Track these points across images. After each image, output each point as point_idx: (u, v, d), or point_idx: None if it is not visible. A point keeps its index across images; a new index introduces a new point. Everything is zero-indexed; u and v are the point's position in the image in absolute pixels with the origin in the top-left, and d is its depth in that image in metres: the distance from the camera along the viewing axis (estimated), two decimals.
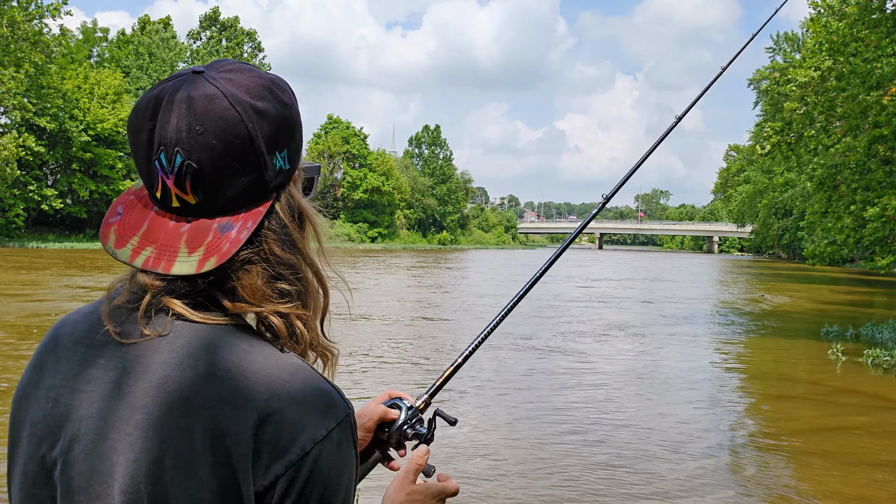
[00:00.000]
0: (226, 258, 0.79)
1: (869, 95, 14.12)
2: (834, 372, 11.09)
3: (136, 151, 0.82)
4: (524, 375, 10.00)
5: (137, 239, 0.82)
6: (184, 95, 0.79)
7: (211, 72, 0.82)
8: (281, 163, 0.84)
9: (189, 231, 0.81)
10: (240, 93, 0.80)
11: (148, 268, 0.80)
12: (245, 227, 0.81)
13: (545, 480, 5.77)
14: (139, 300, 0.82)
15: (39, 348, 0.89)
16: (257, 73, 0.84)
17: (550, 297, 22.52)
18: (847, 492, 5.79)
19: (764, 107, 46.35)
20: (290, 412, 0.76)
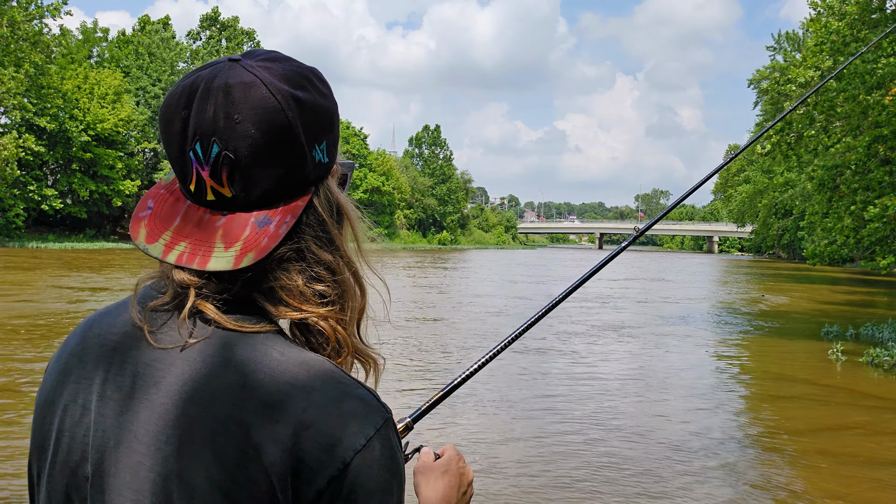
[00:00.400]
0: (264, 253, 0.75)
1: (869, 96, 14.12)
2: (834, 372, 11.08)
3: (169, 142, 0.78)
4: (522, 375, 9.99)
5: (170, 234, 0.78)
6: (221, 83, 0.75)
7: (247, 60, 0.78)
8: (320, 155, 0.80)
9: (225, 225, 0.77)
10: (278, 81, 0.76)
11: (182, 263, 0.76)
12: (284, 222, 0.77)
13: (544, 481, 5.76)
14: (174, 299, 0.78)
15: (65, 351, 0.85)
16: (294, 62, 0.81)
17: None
18: (847, 492, 5.78)
19: (764, 106, 46.36)
20: (326, 423, 0.72)
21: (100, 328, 0.83)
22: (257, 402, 0.71)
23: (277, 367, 0.74)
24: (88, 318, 0.87)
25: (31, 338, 11.06)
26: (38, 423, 0.84)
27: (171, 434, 0.72)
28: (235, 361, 0.74)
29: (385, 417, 0.75)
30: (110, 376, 0.78)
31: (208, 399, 0.72)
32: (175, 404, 0.73)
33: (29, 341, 10.77)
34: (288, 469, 0.70)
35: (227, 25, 67.27)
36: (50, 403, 0.82)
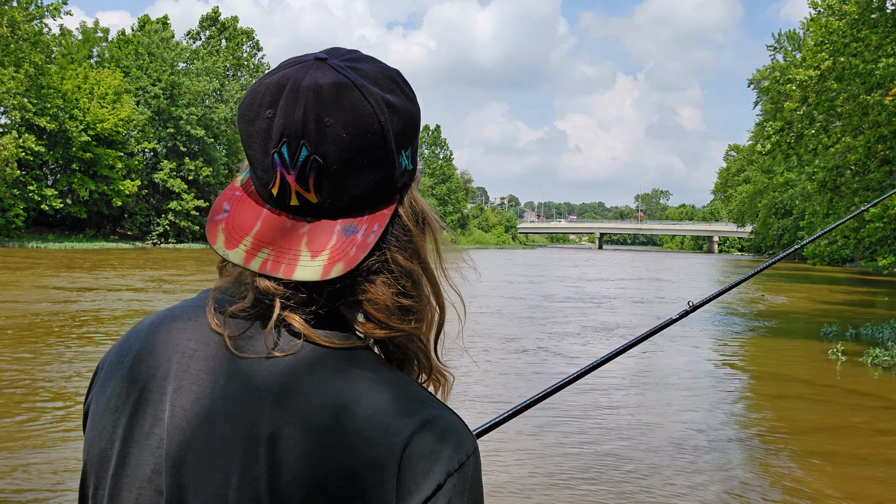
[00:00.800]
0: (353, 264, 0.71)
1: (869, 96, 14.13)
2: (834, 372, 11.08)
3: (250, 143, 0.74)
4: (521, 375, 10.00)
5: (251, 239, 0.74)
6: (311, 83, 0.71)
7: (334, 59, 0.74)
8: (406, 162, 0.77)
9: (309, 233, 0.73)
10: (370, 84, 0.73)
11: (266, 272, 0.71)
12: (371, 231, 0.73)
13: (542, 480, 5.76)
14: (255, 307, 0.74)
15: (128, 355, 0.79)
16: (380, 63, 0.78)
17: (549, 297, 22.52)
18: (847, 491, 5.78)
19: (764, 106, 46.37)
20: (422, 446, 0.69)
21: (168, 332, 0.78)
22: (354, 426, 0.68)
23: (372, 388, 0.70)
24: (150, 320, 0.82)
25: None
26: (97, 431, 0.78)
27: (262, 454, 0.68)
28: (329, 380, 0.70)
29: (475, 445, 0.73)
30: (184, 385, 0.74)
31: (301, 420, 0.68)
32: (264, 420, 0.69)
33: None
34: (385, 493, 0.68)
35: (226, 25, 67.30)
36: (113, 410, 0.77)
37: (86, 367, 9.16)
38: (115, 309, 14.76)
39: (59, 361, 9.52)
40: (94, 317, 13.60)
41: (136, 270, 26.34)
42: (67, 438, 6.30)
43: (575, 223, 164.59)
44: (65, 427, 6.65)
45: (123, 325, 12.81)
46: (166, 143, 54.61)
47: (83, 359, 9.72)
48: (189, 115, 54.41)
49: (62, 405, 7.45)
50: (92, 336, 11.60)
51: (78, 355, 9.97)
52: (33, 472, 5.48)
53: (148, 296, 17.71)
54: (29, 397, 7.72)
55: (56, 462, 5.69)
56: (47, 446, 6.08)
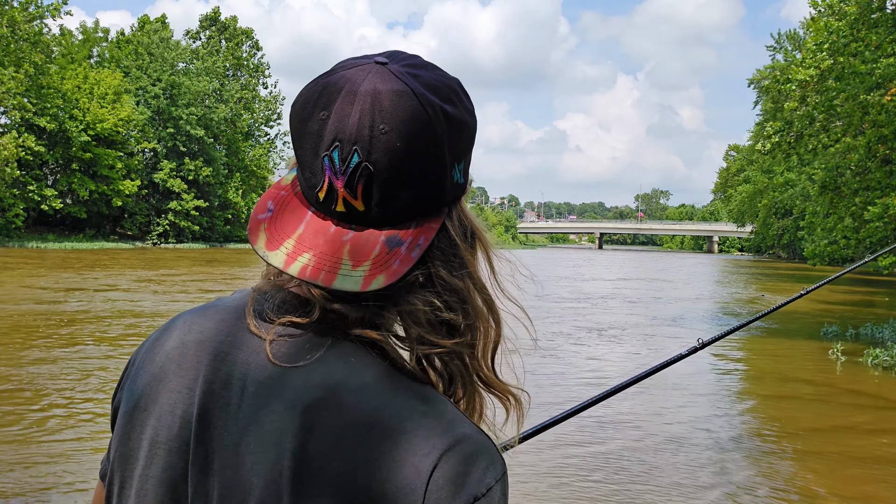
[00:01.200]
0: (395, 278, 0.69)
1: (869, 95, 14.12)
2: (834, 371, 11.08)
3: (301, 143, 0.72)
4: (520, 374, 9.98)
5: (293, 242, 0.72)
6: (369, 88, 0.69)
7: (394, 64, 0.72)
8: (458, 175, 0.75)
9: (352, 241, 0.71)
10: (429, 92, 0.71)
11: (306, 277, 0.69)
12: (416, 245, 0.71)
13: (541, 480, 5.76)
14: (294, 313, 0.73)
15: (160, 353, 0.78)
16: (441, 71, 0.75)
17: (548, 297, 22.50)
18: (847, 491, 5.78)
19: (764, 106, 46.35)
20: (449, 469, 0.67)
21: (200, 332, 0.76)
22: (384, 446, 0.67)
23: (404, 407, 0.69)
24: (182, 318, 0.80)
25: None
26: (125, 429, 0.77)
27: (288, 467, 0.67)
28: (360, 397, 0.68)
29: (504, 469, 0.71)
30: (215, 388, 0.72)
31: (333, 437, 0.67)
32: (292, 433, 0.68)
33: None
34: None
35: (226, 26, 67.28)
36: (143, 409, 0.76)
37: (63, 368, 9.15)
38: (100, 310, 14.51)
39: (37, 364, 9.42)
40: (73, 318, 13.29)
41: (127, 271, 26.11)
42: (42, 441, 6.29)
43: (575, 223, 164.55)
44: (44, 429, 6.65)
45: (109, 326, 12.79)
46: (166, 143, 54.61)
47: (66, 359, 9.69)
48: (189, 115, 54.41)
49: (38, 407, 7.43)
50: (73, 338, 11.43)
51: (61, 357, 9.86)
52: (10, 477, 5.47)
53: (135, 296, 17.45)
54: (6, 399, 7.71)
55: (33, 466, 5.68)
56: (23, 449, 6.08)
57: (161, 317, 13.64)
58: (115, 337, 11.59)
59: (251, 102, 65.94)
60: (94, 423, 6.88)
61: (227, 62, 65.03)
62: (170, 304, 16.22)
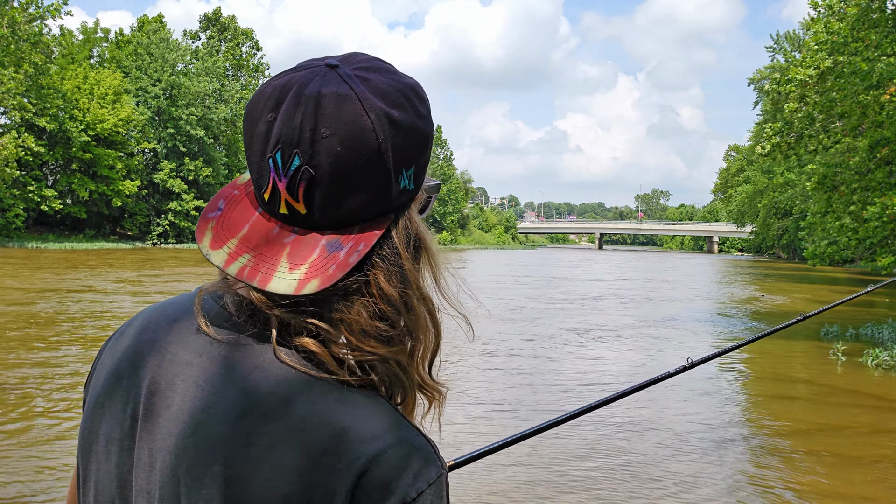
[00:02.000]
0: (329, 283, 0.69)
1: (868, 95, 14.11)
2: (834, 372, 11.08)
3: (250, 144, 0.73)
4: (520, 374, 9.99)
5: (236, 242, 0.73)
6: (313, 91, 0.69)
7: (346, 67, 0.72)
8: (406, 181, 0.74)
9: (293, 243, 0.72)
10: (375, 97, 0.70)
11: (243, 278, 0.70)
12: (355, 250, 0.71)
13: (540, 480, 5.75)
14: (239, 314, 0.74)
15: (117, 352, 0.80)
16: (397, 75, 0.75)
17: (548, 297, 22.51)
18: (847, 491, 5.78)
19: (764, 106, 46.36)
20: (380, 474, 0.67)
21: (154, 332, 0.78)
22: (313, 450, 0.67)
23: (335, 411, 0.69)
24: (142, 314, 0.82)
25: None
26: (86, 424, 0.79)
27: (217, 472, 0.68)
28: (292, 399, 0.69)
29: (440, 472, 0.70)
30: (161, 389, 0.74)
31: (264, 442, 0.67)
32: (225, 438, 0.68)
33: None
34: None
35: (226, 26, 67.26)
36: (100, 406, 0.78)
37: (24, 374, 9.13)
38: (71, 313, 14.11)
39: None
40: (36, 321, 13.00)
41: (110, 271, 25.69)
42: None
43: (575, 223, 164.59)
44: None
45: (80, 327, 12.74)
46: (166, 143, 54.62)
47: (29, 363, 9.68)
48: (189, 115, 54.43)
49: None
50: (41, 341, 11.34)
51: (24, 361, 9.84)
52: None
53: (109, 298, 17.05)
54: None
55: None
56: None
57: (117, 318, 13.50)
58: (69, 341, 11.20)
59: None
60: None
61: (227, 62, 65.01)
62: (137, 306, 16.17)
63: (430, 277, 0.78)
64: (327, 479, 0.66)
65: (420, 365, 0.77)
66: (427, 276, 0.78)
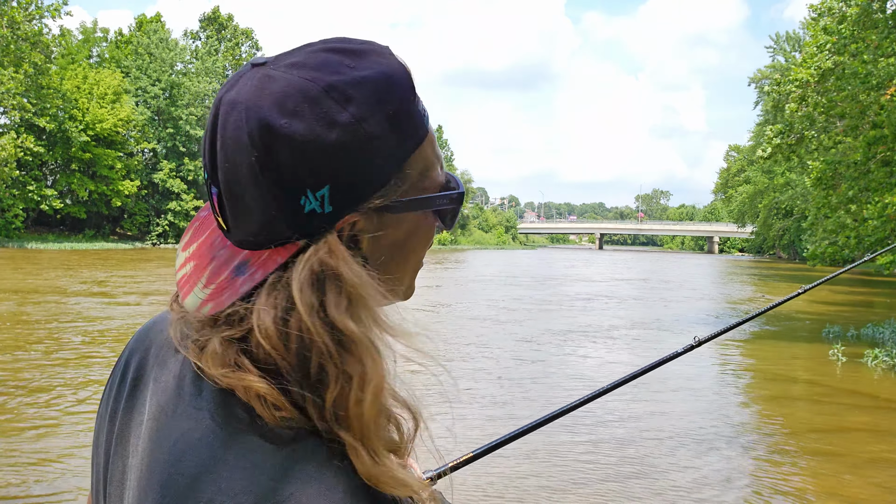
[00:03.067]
0: (219, 308, 0.63)
1: (867, 95, 14.09)
2: (835, 372, 11.04)
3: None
4: (521, 374, 9.95)
5: (195, 248, 0.69)
6: (220, 96, 0.63)
7: (271, 66, 0.63)
8: (313, 204, 0.61)
9: (217, 259, 0.66)
10: (265, 102, 0.60)
11: (179, 286, 0.67)
12: (251, 278, 0.63)
13: (541, 480, 5.72)
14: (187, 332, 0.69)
15: (119, 359, 0.79)
16: (324, 71, 0.62)
17: (548, 297, 22.48)
18: (847, 492, 5.75)
19: (765, 106, 46.35)
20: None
21: (142, 342, 0.77)
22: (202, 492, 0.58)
23: (217, 462, 0.59)
24: (145, 325, 0.80)
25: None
26: (97, 424, 0.79)
27: (134, 498, 0.65)
28: (187, 445, 0.62)
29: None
30: (136, 403, 0.72)
31: (156, 482, 0.62)
32: (140, 463, 0.66)
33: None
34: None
35: (225, 26, 67.20)
36: (102, 416, 0.77)
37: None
38: (29, 314, 13.85)
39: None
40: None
41: (85, 270, 25.27)
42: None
43: (575, 223, 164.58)
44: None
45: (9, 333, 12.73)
46: (166, 143, 54.64)
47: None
48: (188, 115, 54.46)
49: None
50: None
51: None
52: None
53: (66, 299, 16.47)
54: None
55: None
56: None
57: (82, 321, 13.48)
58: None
59: None
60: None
61: (227, 62, 65.00)
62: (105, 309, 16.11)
63: (346, 312, 0.61)
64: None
65: (343, 406, 0.59)
66: (342, 311, 0.60)
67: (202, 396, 0.63)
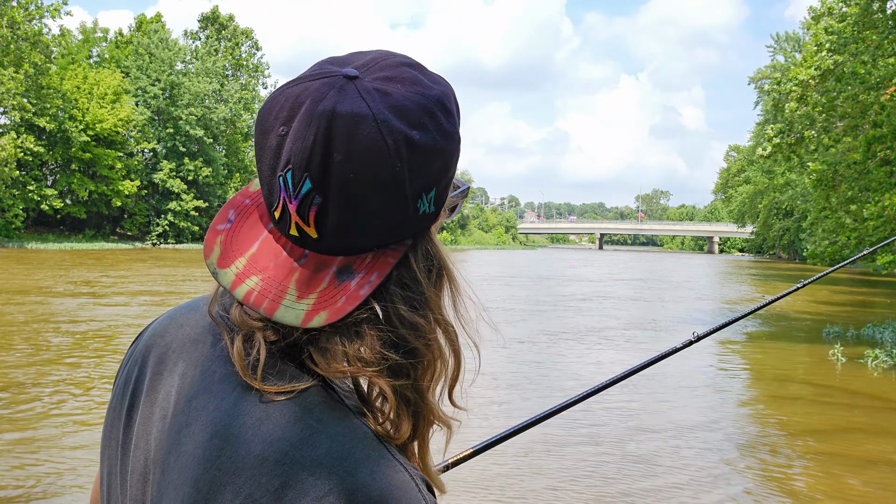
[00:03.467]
0: (338, 316, 0.65)
1: (868, 95, 14.08)
2: (834, 372, 11.03)
3: (261, 156, 0.67)
4: (521, 375, 9.94)
5: (244, 262, 0.68)
6: (327, 109, 0.63)
7: (366, 78, 0.65)
8: (426, 206, 0.68)
9: (302, 269, 0.67)
10: (395, 117, 0.64)
11: (249, 303, 0.66)
12: (367, 281, 0.66)
13: (541, 480, 5.71)
14: (229, 331, 0.70)
15: (132, 352, 0.80)
16: (422, 85, 0.67)
17: (548, 297, 22.47)
18: (847, 492, 5.74)
19: (765, 106, 46.35)
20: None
21: (160, 338, 0.78)
22: (276, 481, 0.62)
23: (310, 439, 0.63)
24: (165, 316, 0.81)
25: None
26: (107, 421, 0.81)
27: (188, 494, 0.65)
28: (263, 424, 0.65)
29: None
30: (158, 398, 0.73)
31: (230, 465, 0.64)
32: (198, 462, 0.66)
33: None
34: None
35: (224, 25, 67.16)
36: (117, 405, 0.78)
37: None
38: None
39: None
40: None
41: (74, 271, 25.07)
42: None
43: (575, 223, 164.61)
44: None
45: None
46: (166, 143, 54.63)
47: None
48: (188, 115, 54.44)
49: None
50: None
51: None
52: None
53: (40, 298, 16.32)
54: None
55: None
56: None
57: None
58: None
59: (251, 103, 65.92)
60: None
61: (227, 62, 64.98)
62: (89, 310, 16.13)
63: (450, 303, 0.72)
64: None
65: (433, 400, 0.72)
66: (447, 301, 0.72)
67: (276, 386, 0.66)
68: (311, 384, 0.67)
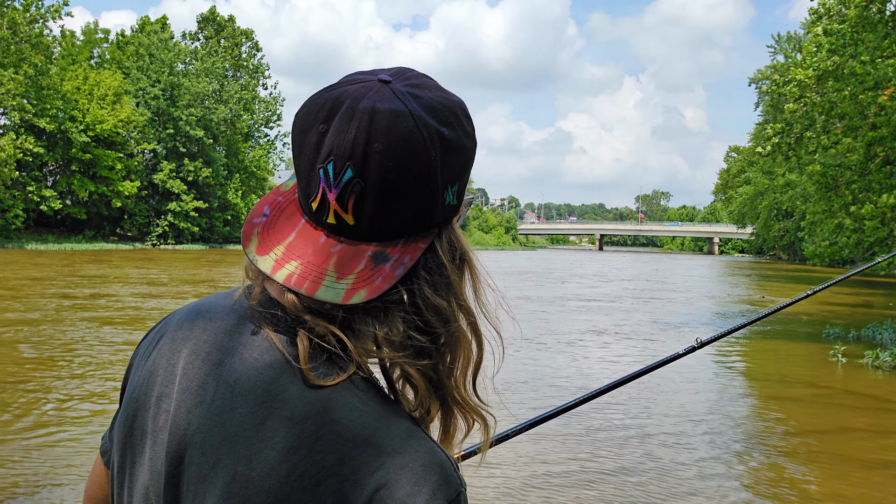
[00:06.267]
0: (376, 294, 0.71)
1: (866, 96, 14.07)
2: (835, 373, 11.04)
3: (300, 152, 0.74)
4: (521, 375, 9.94)
5: (282, 249, 0.74)
6: (367, 106, 0.70)
7: (398, 83, 0.73)
8: (451, 197, 0.76)
9: (340, 253, 0.73)
10: (427, 115, 0.72)
11: (290, 285, 0.72)
12: (401, 263, 0.73)
13: (541, 480, 5.72)
14: (270, 319, 0.75)
15: (152, 347, 0.82)
16: (445, 93, 0.76)
17: (549, 297, 22.47)
18: (847, 492, 5.75)
19: (765, 106, 46.36)
20: (396, 488, 0.67)
21: (189, 330, 0.80)
22: (329, 458, 0.68)
23: (356, 420, 0.70)
24: (182, 313, 0.83)
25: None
26: (122, 419, 0.83)
27: (241, 472, 0.70)
28: (309, 408, 0.70)
29: (458, 490, 0.71)
30: (192, 386, 0.76)
31: (281, 446, 0.70)
32: (247, 441, 0.70)
33: None
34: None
35: (222, 26, 67.12)
36: (135, 400, 0.81)
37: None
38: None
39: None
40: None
41: (65, 269, 25.01)
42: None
43: (575, 224, 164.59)
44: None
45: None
46: (166, 143, 54.63)
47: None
48: (189, 115, 54.44)
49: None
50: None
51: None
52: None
53: (40, 298, 16.76)
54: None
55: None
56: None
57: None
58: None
59: (251, 103, 65.94)
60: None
61: (227, 63, 64.96)
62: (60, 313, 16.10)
63: (471, 291, 0.79)
64: (341, 489, 0.67)
65: (459, 381, 0.79)
66: (468, 289, 0.79)
67: (328, 369, 0.72)
68: (352, 371, 0.72)
